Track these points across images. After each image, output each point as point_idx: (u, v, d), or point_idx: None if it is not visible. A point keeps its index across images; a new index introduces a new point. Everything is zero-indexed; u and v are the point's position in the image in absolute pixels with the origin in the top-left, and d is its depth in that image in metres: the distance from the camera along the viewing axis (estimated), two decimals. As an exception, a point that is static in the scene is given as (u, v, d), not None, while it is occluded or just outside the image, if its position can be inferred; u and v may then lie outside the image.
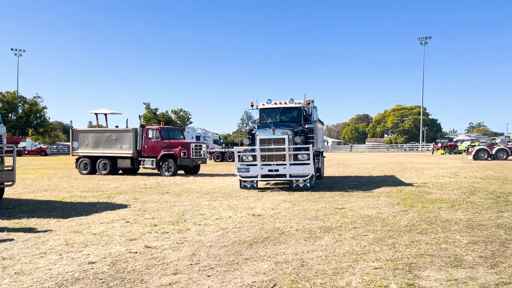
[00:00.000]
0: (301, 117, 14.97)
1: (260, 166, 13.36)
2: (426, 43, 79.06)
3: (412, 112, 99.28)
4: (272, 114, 15.31)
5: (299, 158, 13.20)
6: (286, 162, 13.11)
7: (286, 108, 15.24)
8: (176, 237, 7.06)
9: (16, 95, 72.02)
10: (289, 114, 15.26)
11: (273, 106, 15.31)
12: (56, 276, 5.02)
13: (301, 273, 5.05)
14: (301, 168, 13.20)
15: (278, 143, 13.29)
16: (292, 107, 15.16)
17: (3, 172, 10.99)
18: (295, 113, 15.16)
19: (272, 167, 13.35)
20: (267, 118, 15.31)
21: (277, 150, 13.29)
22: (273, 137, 13.37)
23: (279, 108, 15.28)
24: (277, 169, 13.29)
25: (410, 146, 79.62)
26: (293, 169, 13.22)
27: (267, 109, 15.42)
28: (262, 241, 6.71)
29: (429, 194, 12.39)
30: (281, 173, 13.33)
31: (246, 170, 13.51)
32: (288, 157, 13.10)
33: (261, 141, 13.46)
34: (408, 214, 8.93)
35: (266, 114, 15.40)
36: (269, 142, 13.40)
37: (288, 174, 13.27)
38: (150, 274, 5.10)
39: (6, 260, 5.72)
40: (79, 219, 8.89)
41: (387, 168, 25.33)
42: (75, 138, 22.50)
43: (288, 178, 13.42)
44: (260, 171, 13.42)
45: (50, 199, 12.41)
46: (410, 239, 6.69)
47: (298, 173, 13.26)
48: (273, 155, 13.39)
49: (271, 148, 13.36)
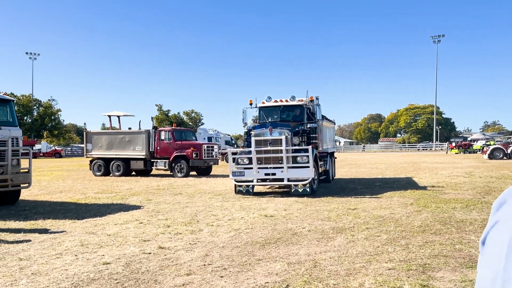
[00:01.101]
0: (304, 115, 13.92)
1: (256, 170, 12.26)
2: (439, 41, 78.17)
3: (425, 111, 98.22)
4: (272, 113, 14.27)
5: (298, 160, 12.10)
6: (284, 165, 11.99)
7: (287, 106, 14.17)
8: (189, 238, 7.11)
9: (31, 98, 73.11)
10: (290, 113, 14.16)
11: (273, 104, 14.30)
12: (72, 277, 5.10)
13: (313, 274, 5.05)
14: (300, 171, 12.07)
15: (275, 144, 12.19)
16: (294, 105, 14.08)
17: (19, 174, 11.19)
18: (297, 111, 14.05)
19: (268, 170, 12.27)
20: (266, 117, 14.25)
21: (274, 152, 12.19)
22: (269, 138, 12.27)
23: (280, 107, 14.23)
24: (274, 172, 12.20)
25: (424, 145, 78.79)
26: (292, 173, 12.12)
27: (266, 107, 14.39)
28: (275, 242, 6.72)
29: (443, 194, 12.27)
30: (278, 177, 12.23)
31: (241, 173, 12.46)
32: (285, 159, 11.98)
33: (257, 142, 12.35)
34: (422, 215, 8.86)
35: (266, 113, 14.35)
36: (266, 143, 12.32)
37: (286, 178, 12.15)
38: (163, 275, 5.15)
39: (23, 261, 5.83)
40: (93, 220, 9.01)
41: (400, 168, 25.13)
42: (89, 140, 22.78)
43: (286, 183, 12.26)
44: (256, 175, 12.34)
45: (65, 200, 12.60)
46: (423, 240, 6.64)
47: (297, 177, 12.10)
48: (270, 157, 12.30)
49: (268, 150, 12.28)
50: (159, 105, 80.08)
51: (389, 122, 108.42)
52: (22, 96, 71.71)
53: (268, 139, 12.25)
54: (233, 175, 12.59)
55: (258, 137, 12.36)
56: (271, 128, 12.40)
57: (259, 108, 14.49)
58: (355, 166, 27.86)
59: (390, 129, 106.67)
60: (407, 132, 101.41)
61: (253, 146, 12.22)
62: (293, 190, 12.22)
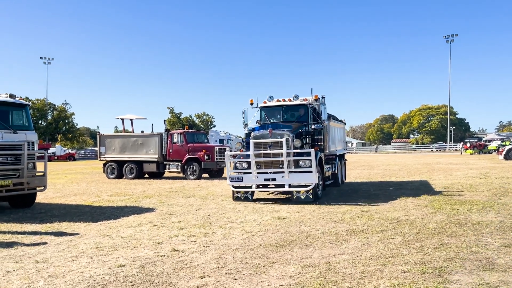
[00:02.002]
0: (308, 116, 12.91)
1: (255, 175, 11.45)
2: (453, 41, 77.22)
3: (438, 111, 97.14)
4: (275, 113, 13.40)
5: (300, 164, 11.22)
6: (285, 169, 11.13)
7: (290, 106, 13.21)
8: (203, 241, 7.14)
9: (45, 102, 74.16)
10: (294, 113, 13.20)
11: (275, 104, 13.38)
12: (87, 279, 5.16)
13: (328, 277, 5.03)
14: (302, 176, 11.20)
15: (275, 147, 11.31)
16: (297, 104, 13.12)
17: (35, 178, 11.36)
18: (301, 111, 13.04)
19: (268, 175, 11.43)
20: (268, 118, 13.38)
21: (274, 156, 11.34)
22: (269, 141, 11.35)
23: (282, 106, 13.28)
24: (274, 177, 11.33)
25: (438, 146, 77.91)
26: (293, 178, 11.22)
27: (268, 107, 13.49)
28: (288, 245, 6.71)
29: (458, 195, 12.11)
30: (278, 182, 11.37)
31: (239, 179, 11.69)
32: (286, 163, 11.10)
33: (256, 145, 11.47)
34: (437, 216, 8.75)
35: (268, 113, 13.49)
36: (265, 146, 11.44)
37: (287, 184, 11.25)
38: (178, 277, 5.18)
39: (40, 263, 5.92)
40: (108, 223, 9.10)
41: (414, 169, 24.88)
42: (102, 143, 23.02)
43: (287, 189, 11.37)
44: (255, 181, 11.52)
45: (79, 203, 12.74)
46: (439, 242, 6.56)
47: (299, 183, 11.22)
48: (270, 161, 11.46)
49: (267, 154, 11.41)
50: (171, 108, 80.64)
51: (402, 123, 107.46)
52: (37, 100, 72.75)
53: (267, 141, 11.39)
54: (230, 181, 11.85)
55: (257, 140, 11.54)
56: (271, 130, 11.52)
57: (260, 108, 13.62)
58: (367, 168, 27.66)
59: (403, 130, 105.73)
60: (421, 133, 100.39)
61: (252, 149, 11.36)
62: (295, 197, 11.40)
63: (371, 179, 19.02)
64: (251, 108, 13.54)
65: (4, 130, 10.80)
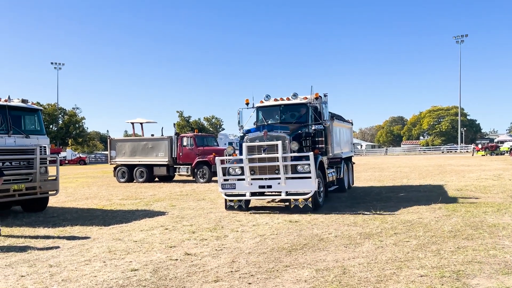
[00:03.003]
0: (308, 116, 11.92)
1: (248, 181, 10.42)
2: (463, 41, 76.44)
3: (449, 113, 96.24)
4: (272, 114, 12.41)
5: (298, 170, 10.26)
6: (281, 175, 10.12)
7: (288, 105, 12.22)
8: (215, 244, 7.10)
9: (56, 107, 74.96)
10: (293, 113, 12.21)
11: (272, 103, 12.39)
12: (101, 283, 5.14)
13: (343, 281, 4.95)
14: (300, 183, 10.16)
15: (271, 150, 10.33)
16: (296, 104, 12.12)
17: (47, 182, 11.43)
18: (302, 111, 12.04)
19: (263, 182, 10.42)
20: (265, 118, 12.36)
21: (270, 160, 10.33)
22: (264, 144, 10.42)
23: (280, 106, 12.27)
24: (270, 184, 10.31)
25: (448, 148, 77.15)
26: (291, 185, 10.19)
27: (265, 107, 12.51)
28: (301, 248, 6.64)
29: (472, 197, 11.94)
30: (275, 190, 10.40)
31: (232, 186, 10.65)
32: (283, 169, 10.08)
33: (250, 148, 10.53)
34: (452, 219, 8.62)
35: (265, 113, 12.48)
36: (260, 149, 10.49)
37: (284, 192, 10.20)
38: (191, 282, 5.14)
39: (53, 268, 5.92)
40: (119, 227, 9.11)
41: (425, 171, 24.62)
42: (113, 147, 23.13)
43: (284, 197, 10.27)
44: (248, 188, 10.47)
45: (91, 207, 12.80)
46: (455, 245, 6.45)
47: (297, 190, 10.19)
48: (265, 166, 10.45)
49: (262, 158, 10.45)
50: (180, 112, 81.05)
51: (411, 125, 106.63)
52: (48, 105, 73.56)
53: (262, 144, 10.45)
54: (222, 188, 10.77)
55: (250, 143, 10.59)
56: (266, 132, 10.54)
57: (256, 109, 12.63)
58: (378, 170, 27.44)
59: (413, 131, 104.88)
60: (431, 135, 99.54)
61: (245, 153, 10.40)
62: (293, 206, 10.30)
63: (382, 181, 18.84)
64: (247, 108, 12.62)
65: (17, 135, 10.89)
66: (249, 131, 11.32)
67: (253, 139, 10.69)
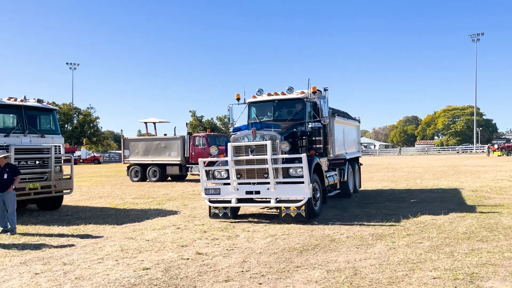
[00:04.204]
0: (305, 112, 10.71)
1: (234, 186, 9.36)
2: (479, 40, 75.27)
3: (464, 112, 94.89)
4: (265, 110, 11.26)
5: (290, 173, 9.11)
6: (270, 180, 9.01)
7: (283, 100, 11.07)
8: (226, 244, 7.12)
9: (71, 107, 75.92)
10: (288, 109, 11.11)
11: (265, 98, 11.21)
12: (113, 282, 5.20)
13: (354, 282, 4.92)
14: (291, 188, 9.03)
15: (260, 151, 9.22)
16: (291, 99, 10.95)
17: (62, 181, 11.59)
18: (299, 107, 10.87)
19: (251, 187, 9.32)
20: (258, 115, 11.23)
21: (259, 163, 9.23)
22: (252, 144, 9.33)
23: (273, 101, 11.10)
24: (258, 190, 9.23)
25: (464, 148, 76.06)
26: (281, 191, 9.08)
27: (257, 103, 11.35)
28: (312, 249, 6.62)
29: (487, 199, 11.76)
30: (263, 196, 9.31)
31: (216, 191, 9.58)
32: (272, 172, 8.98)
33: (236, 149, 9.47)
34: (466, 221, 8.50)
35: (257, 110, 11.35)
36: (247, 150, 9.39)
37: (273, 199, 9.09)
38: (202, 281, 5.16)
39: (67, 266, 6.01)
40: (132, 226, 9.20)
41: (439, 171, 24.31)
42: (126, 146, 23.35)
43: (273, 204, 9.16)
44: (234, 193, 9.40)
45: (104, 206, 12.94)
46: (469, 247, 6.36)
47: (289, 197, 9.04)
48: (253, 169, 9.35)
49: (250, 160, 9.34)
50: (192, 111, 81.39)
51: (426, 125, 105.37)
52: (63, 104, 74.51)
53: (250, 144, 9.35)
54: (206, 193, 9.68)
55: (236, 143, 9.58)
56: (255, 130, 9.42)
57: (248, 104, 11.47)
58: (391, 170, 27.20)
59: (427, 131, 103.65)
60: (446, 135, 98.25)
61: (230, 155, 9.33)
62: (284, 215, 9.11)
63: (395, 181, 18.65)
64: (238, 104, 11.44)
65: (33, 134, 11.07)
66: (239, 129, 10.15)
67: (240, 138, 9.67)
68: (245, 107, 11.47)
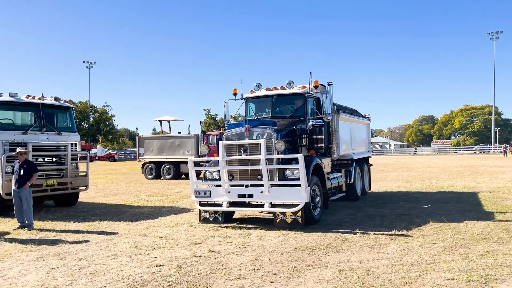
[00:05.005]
0: (306, 109, 9.96)
1: (226, 189, 8.69)
2: (497, 38, 73.79)
3: (482, 112, 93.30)
4: (264, 106, 10.57)
5: (287, 175, 8.44)
6: (264, 182, 8.28)
7: (282, 96, 10.34)
8: (238, 242, 7.15)
9: (87, 105, 76.97)
10: (288, 105, 10.36)
11: (263, 94, 10.47)
12: (127, 278, 5.27)
13: (366, 282, 4.90)
14: (287, 192, 8.30)
15: (254, 150, 8.53)
16: (291, 94, 10.21)
17: (78, 178, 11.79)
18: (299, 102, 10.11)
19: (243, 190, 8.64)
20: (256, 112, 10.55)
21: (253, 163, 8.55)
22: (245, 142, 8.64)
23: (272, 97, 10.37)
24: (251, 193, 8.52)
25: (481, 148, 74.77)
26: (276, 194, 8.35)
27: (255, 98, 10.64)
28: (325, 248, 6.60)
29: (504, 200, 11.56)
30: (257, 200, 8.59)
31: (207, 194, 8.91)
32: (266, 174, 8.26)
33: (228, 148, 8.82)
34: (482, 222, 8.37)
35: (255, 106, 10.68)
36: (240, 149, 8.70)
37: (267, 203, 8.37)
38: (214, 278, 5.20)
39: (82, 261, 6.11)
40: (146, 223, 9.30)
41: (455, 172, 23.97)
42: (141, 144, 23.59)
43: (267, 209, 8.45)
44: (226, 196, 8.70)
45: (119, 203, 13.11)
46: (485, 249, 6.27)
47: (284, 201, 8.35)
48: (247, 170, 8.68)
49: (244, 160, 8.65)
50: (207, 110, 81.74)
51: (442, 124, 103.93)
52: (80, 102, 75.56)
53: (243, 143, 8.68)
54: (196, 196, 9.03)
55: (229, 141, 8.92)
56: (248, 128, 8.75)
57: (245, 100, 10.75)
58: (406, 170, 26.91)
59: (444, 131, 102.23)
60: (462, 134, 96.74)
61: (222, 154, 8.65)
62: (278, 221, 8.38)
63: (410, 181, 18.43)
64: (235, 99, 10.73)
65: (50, 132, 11.28)
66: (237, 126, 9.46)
67: (233, 136, 9.00)
68: (242, 103, 10.78)
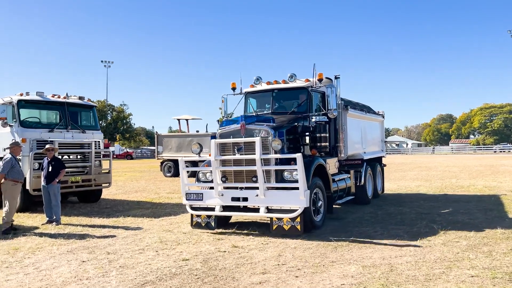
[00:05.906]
0: (310, 104, 9.20)
1: (219, 191, 7.99)
2: (518, 35, 72.34)
3: (502, 110, 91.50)
4: (264, 101, 9.86)
5: (285, 177, 7.66)
6: (259, 184, 7.54)
7: (284, 90, 9.58)
8: (261, 238, 7.26)
9: (105, 104, 78.12)
10: (290, 100, 9.68)
11: (263, 88, 9.78)
12: (155, 271, 5.45)
13: (390, 278, 4.97)
14: (285, 195, 7.51)
15: (250, 149, 7.73)
16: (293, 88, 9.45)
17: (101, 175, 12.07)
18: (302, 97, 9.35)
19: (237, 192, 7.91)
20: (256, 107, 9.89)
21: (248, 163, 7.79)
22: (240, 141, 7.87)
23: (272, 91, 9.65)
24: (245, 196, 7.80)
25: (501, 147, 73.38)
26: (273, 198, 7.58)
27: (255, 93, 9.95)
28: (347, 245, 6.67)
29: (527, 199, 11.41)
30: (252, 204, 7.86)
31: (199, 196, 8.25)
32: (262, 175, 7.53)
33: (221, 147, 8.11)
34: (505, 221, 8.32)
35: (256, 101, 10.03)
36: (234, 148, 7.93)
37: (263, 207, 7.58)
38: (240, 272, 5.33)
39: (111, 255, 6.31)
40: (169, 219, 9.50)
41: (475, 171, 23.65)
42: (160, 142, 23.92)
43: (263, 214, 7.64)
44: (219, 200, 7.99)
45: (141, 199, 13.37)
46: (508, 247, 6.26)
47: (282, 205, 7.53)
48: (242, 171, 7.93)
49: (239, 160, 7.90)
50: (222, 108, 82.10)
51: (461, 123, 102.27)
52: (98, 101, 76.71)
53: (238, 141, 7.91)
54: (187, 199, 8.39)
55: (222, 139, 8.19)
56: (244, 125, 7.95)
57: (245, 95, 10.08)
58: (425, 169, 26.65)
59: (463, 130, 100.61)
60: (482, 133, 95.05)
61: (214, 154, 7.95)
62: (275, 227, 7.57)
63: (429, 180, 18.27)
64: (234, 94, 10.09)
65: (74, 130, 11.58)
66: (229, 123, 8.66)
67: (227, 134, 8.25)
68: (242, 98, 10.13)
